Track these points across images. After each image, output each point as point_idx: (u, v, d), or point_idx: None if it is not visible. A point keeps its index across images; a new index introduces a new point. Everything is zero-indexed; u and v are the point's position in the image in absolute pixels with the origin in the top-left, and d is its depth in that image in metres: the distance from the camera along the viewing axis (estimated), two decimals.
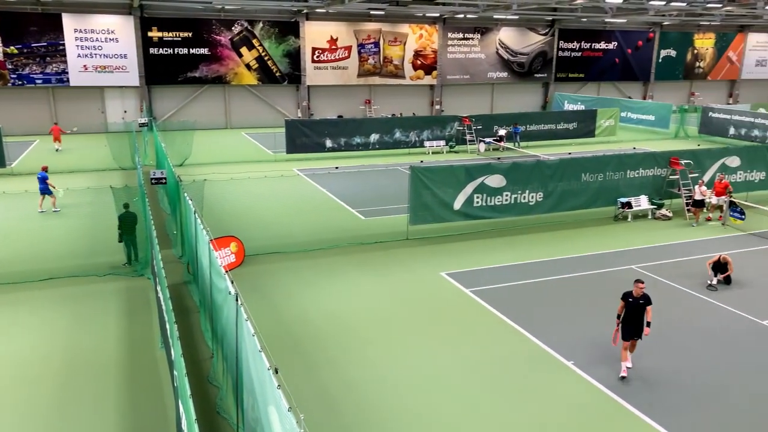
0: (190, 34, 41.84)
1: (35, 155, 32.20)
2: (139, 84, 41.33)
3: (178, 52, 41.83)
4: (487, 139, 34.97)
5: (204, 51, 42.42)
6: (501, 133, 35.46)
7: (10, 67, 38.26)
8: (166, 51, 41.50)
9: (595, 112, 39.53)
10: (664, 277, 15.93)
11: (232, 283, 8.63)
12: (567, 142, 37.57)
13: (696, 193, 21.02)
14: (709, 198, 21.24)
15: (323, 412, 9.93)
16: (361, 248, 18.02)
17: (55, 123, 35.98)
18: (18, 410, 9.90)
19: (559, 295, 14.78)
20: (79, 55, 39.56)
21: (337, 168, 29.91)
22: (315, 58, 45.32)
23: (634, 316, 10.97)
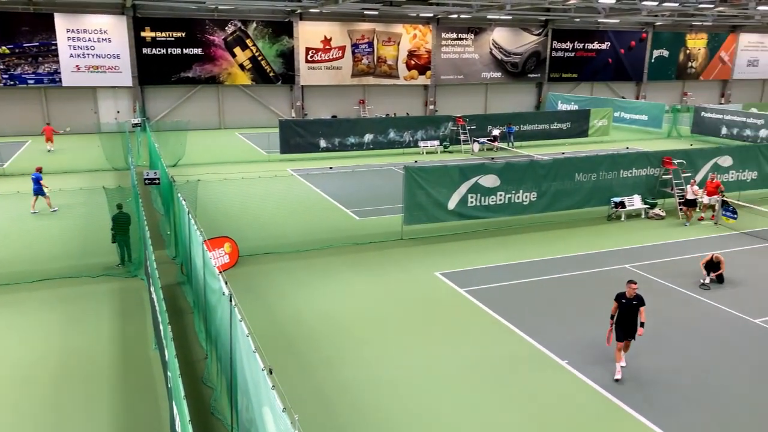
0: (183, 34, 41.71)
1: (27, 156, 32.04)
2: (132, 84, 41.17)
3: (171, 52, 41.69)
4: (481, 139, 35.03)
5: (197, 51, 42.31)
6: (495, 133, 35.53)
7: (1, 67, 38.01)
8: (159, 51, 41.35)
9: (588, 112, 39.65)
10: (657, 276, 16.01)
11: (226, 283, 8.61)
12: (560, 142, 37.68)
13: (688, 193, 21.13)
14: (701, 197, 21.36)
15: (318, 413, 9.93)
16: (356, 248, 18.02)
17: (47, 123, 35.82)
18: (11, 411, 9.85)
19: (553, 294, 14.82)
20: (71, 55, 39.37)
21: (331, 168, 29.89)
22: (309, 58, 45.29)
23: (628, 316, 11.00)
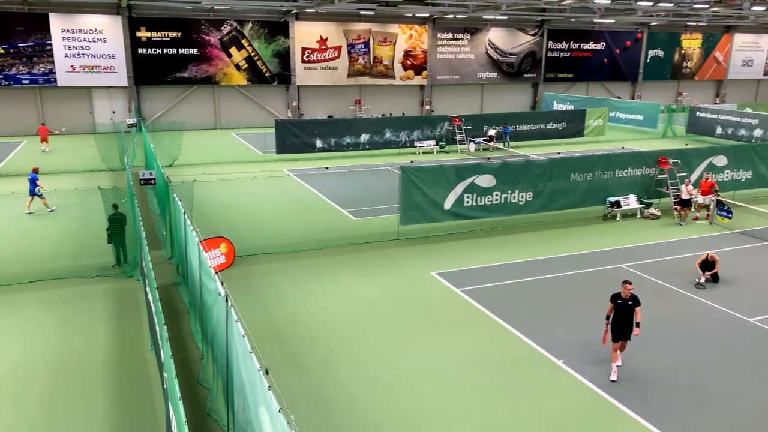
0: (178, 34, 41.63)
1: (22, 156, 31.93)
2: (128, 84, 41.06)
3: (166, 53, 41.60)
4: (477, 139, 35.07)
5: (193, 51, 42.22)
6: (491, 133, 35.57)
7: None
8: (154, 51, 41.26)
9: (584, 112, 39.74)
10: (652, 276, 16.05)
11: (222, 284, 8.60)
12: (556, 142, 37.74)
13: (683, 193, 21.20)
14: (695, 197, 21.43)
15: (314, 413, 9.92)
16: (352, 248, 18.01)
17: (42, 124, 35.70)
18: (7, 412, 9.82)
19: (549, 294, 14.85)
20: (66, 56, 39.25)
21: (327, 168, 29.87)
22: (305, 58, 45.25)
23: (623, 317, 11.00)
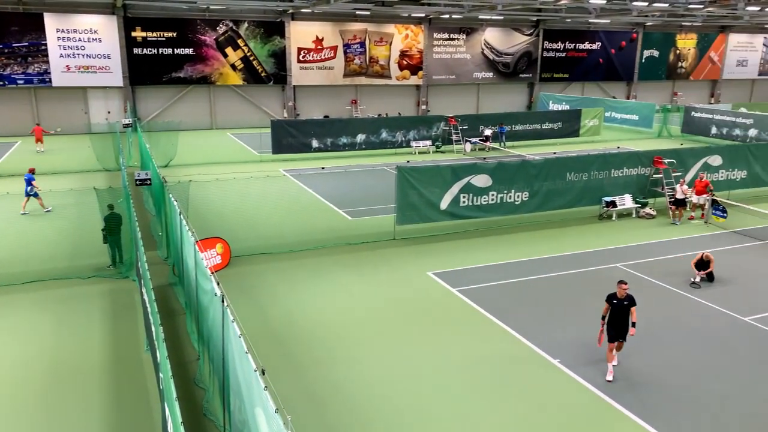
0: (174, 34, 41.53)
1: (17, 157, 31.81)
2: (123, 84, 40.95)
3: (162, 53, 41.50)
4: (473, 139, 35.10)
5: (189, 51, 42.13)
6: (487, 133, 35.61)
7: None
8: (150, 51, 41.15)
9: (579, 111, 39.81)
10: (648, 275, 16.10)
11: (218, 284, 8.59)
12: (552, 142, 37.80)
13: (677, 192, 21.27)
14: (690, 197, 21.50)
15: (310, 413, 9.92)
16: (348, 248, 18.01)
17: (37, 124, 35.56)
18: (2, 413, 9.78)
19: (546, 293, 14.88)
20: (61, 55, 39.11)
21: (323, 168, 29.86)
22: (301, 58, 45.21)
23: (619, 317, 11.02)
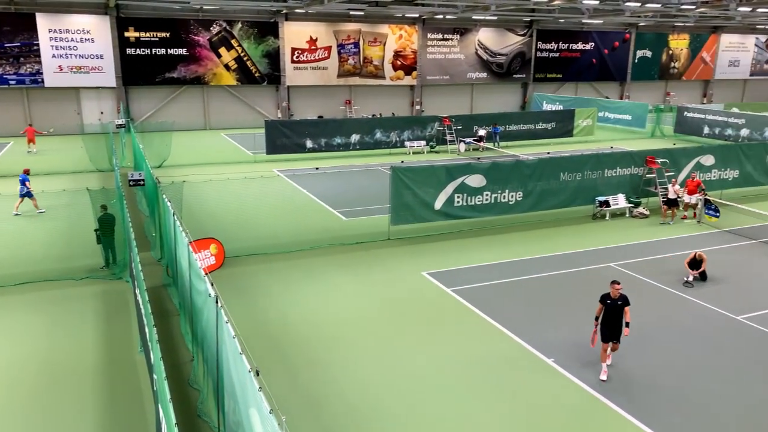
0: (167, 35, 41.41)
1: (9, 158, 31.63)
2: (116, 85, 40.79)
3: (155, 53, 41.36)
4: (467, 139, 35.15)
5: (182, 51, 42.01)
6: (481, 133, 35.68)
7: None
8: (143, 51, 41.01)
9: (573, 112, 39.94)
10: (641, 275, 16.16)
11: (212, 285, 8.57)
12: (546, 142, 37.89)
13: (669, 192, 21.37)
14: (682, 196, 21.60)
15: (305, 414, 9.91)
16: (343, 249, 18.00)
17: (29, 124, 35.37)
18: None
19: (540, 293, 14.91)
20: (53, 56, 38.92)
21: (317, 169, 29.83)
22: (294, 58, 45.16)
23: (613, 317, 11.02)
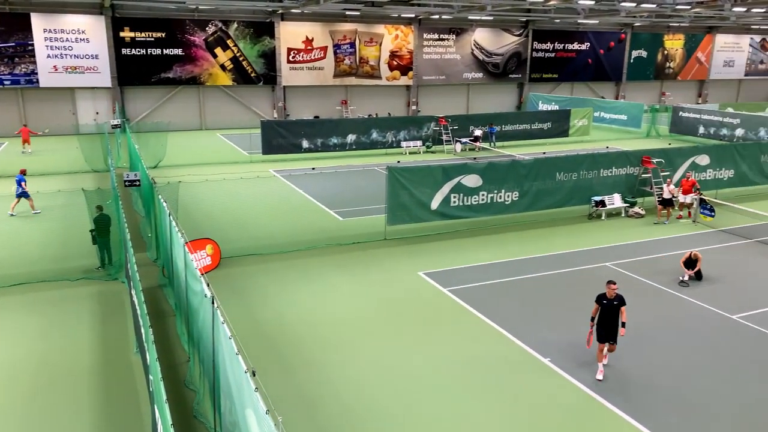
0: (163, 35, 41.31)
1: (4, 158, 31.52)
2: (111, 85, 40.68)
3: (151, 53, 41.26)
4: (464, 139, 35.18)
5: (178, 51, 41.92)
6: (477, 133, 35.71)
7: None
8: (138, 51, 40.91)
9: (568, 112, 40.01)
10: (637, 274, 16.20)
11: (208, 285, 8.55)
12: (542, 142, 37.95)
13: (664, 192, 21.42)
14: (677, 196, 21.66)
15: (301, 415, 9.90)
16: (339, 249, 17.99)
17: (24, 125, 35.24)
18: None
19: (536, 293, 14.93)
20: (48, 56, 38.79)
21: (313, 169, 29.80)
22: (290, 58, 45.11)
23: (609, 317, 11.02)
